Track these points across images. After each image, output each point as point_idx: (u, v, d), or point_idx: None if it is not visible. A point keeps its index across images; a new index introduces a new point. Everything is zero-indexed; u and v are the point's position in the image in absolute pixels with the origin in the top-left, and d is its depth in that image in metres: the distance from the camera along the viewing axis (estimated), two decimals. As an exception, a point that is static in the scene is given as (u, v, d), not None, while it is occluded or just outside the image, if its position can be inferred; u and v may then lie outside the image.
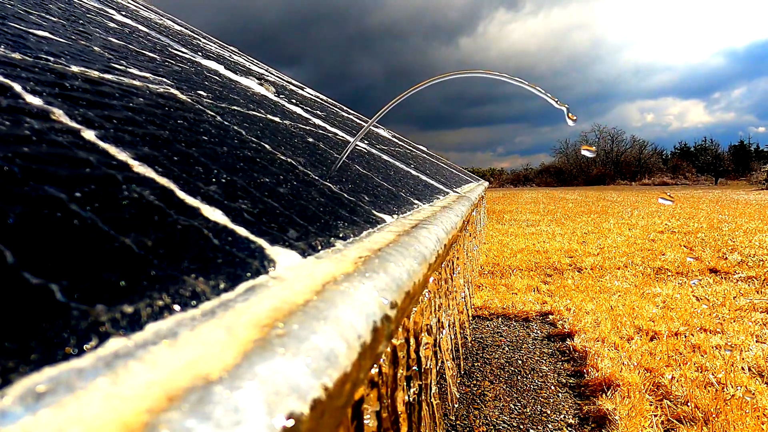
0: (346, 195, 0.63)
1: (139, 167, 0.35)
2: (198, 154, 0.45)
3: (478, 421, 2.83)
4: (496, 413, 2.93)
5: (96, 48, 0.71)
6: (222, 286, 0.26)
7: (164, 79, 0.73)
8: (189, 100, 0.67)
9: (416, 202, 0.92)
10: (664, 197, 0.88)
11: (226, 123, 0.65)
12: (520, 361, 3.60)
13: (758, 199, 19.16)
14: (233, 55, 3.62)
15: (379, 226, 0.56)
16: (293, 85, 4.08)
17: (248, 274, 0.29)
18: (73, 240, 0.23)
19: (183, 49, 1.71)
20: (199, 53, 1.88)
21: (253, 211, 0.38)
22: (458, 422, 2.81)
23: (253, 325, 0.22)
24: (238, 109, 0.84)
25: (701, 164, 56.84)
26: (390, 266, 0.37)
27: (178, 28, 3.41)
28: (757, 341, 3.61)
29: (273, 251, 0.34)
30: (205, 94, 0.80)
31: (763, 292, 4.80)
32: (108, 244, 0.24)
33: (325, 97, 5.95)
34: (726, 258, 6.51)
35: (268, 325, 0.22)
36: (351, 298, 0.27)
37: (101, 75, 0.54)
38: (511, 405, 3.02)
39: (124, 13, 1.98)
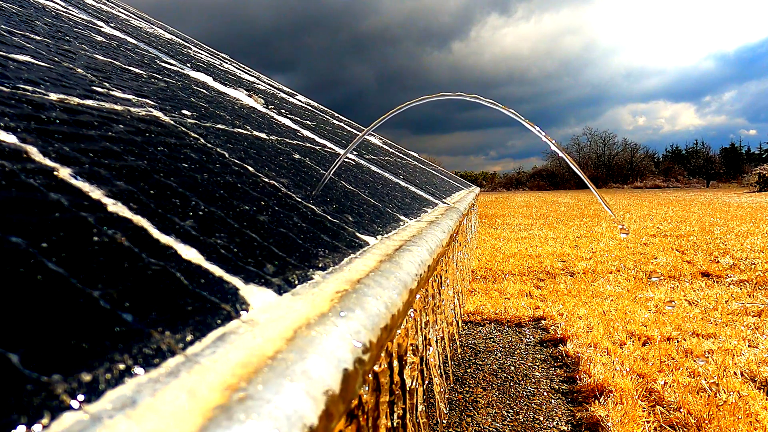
0: (329, 217, 0.63)
1: (113, 206, 0.35)
2: (176, 184, 0.45)
3: (471, 428, 2.83)
4: (489, 420, 2.93)
5: (79, 69, 0.71)
6: (189, 338, 0.25)
7: (147, 100, 0.73)
8: (171, 122, 0.66)
9: (403, 218, 0.91)
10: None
11: (209, 145, 0.65)
12: (512, 367, 3.61)
13: (749, 202, 19.30)
14: (224, 64, 3.61)
15: (361, 251, 0.56)
16: (284, 92, 4.08)
17: (218, 321, 0.28)
18: (36, 298, 0.22)
19: (171, 61, 1.70)
20: (188, 64, 1.88)
21: (230, 246, 0.38)
22: (451, 430, 2.81)
23: (218, 385, 0.22)
24: (223, 127, 0.84)
25: (693, 167, 57.20)
26: (367, 301, 0.37)
27: (169, 36, 3.40)
28: (749, 346, 3.63)
29: (247, 291, 0.33)
30: (189, 113, 0.80)
31: (755, 295, 4.83)
32: (73, 299, 0.24)
33: (316, 104, 5.94)
34: (718, 261, 6.55)
35: (231, 387, 0.22)
36: (322, 346, 0.27)
37: (81, 102, 0.53)
38: (504, 412, 3.02)
39: (112, 24, 1.98)
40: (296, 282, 0.38)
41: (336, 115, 6.49)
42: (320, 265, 0.45)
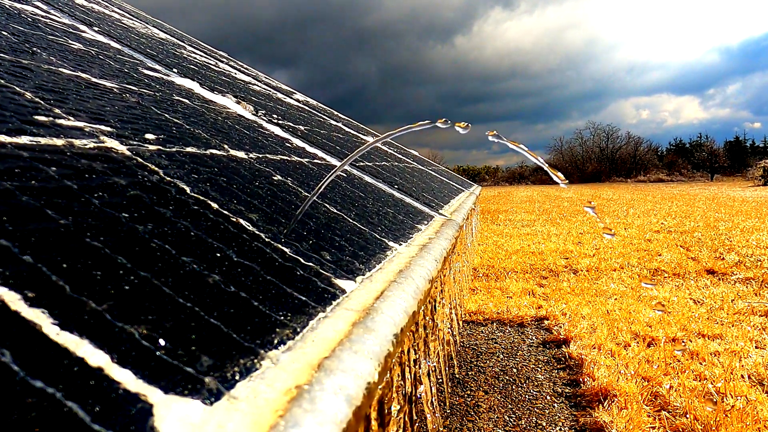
0: (302, 260, 0.56)
1: (8, 300, 0.28)
2: (106, 246, 0.37)
3: (472, 435, 2.79)
4: (491, 425, 2.88)
5: (27, 93, 0.64)
6: None
7: (103, 126, 0.66)
8: (126, 154, 0.59)
9: (391, 244, 0.84)
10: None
11: (167, 180, 0.58)
12: (515, 370, 3.56)
13: (755, 196, 19.20)
14: (219, 63, 3.54)
15: (334, 304, 0.49)
16: (281, 92, 4.00)
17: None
18: None
19: (156, 67, 1.63)
20: (175, 69, 1.80)
21: (155, 334, 0.31)
22: (452, 437, 2.77)
23: None
24: (193, 150, 0.76)
25: (697, 160, 56.98)
26: (325, 401, 0.30)
27: (163, 36, 3.33)
28: (756, 347, 3.56)
29: (164, 408, 0.26)
30: (153, 137, 0.72)
31: (762, 294, 4.75)
32: None
33: (314, 103, 5.86)
34: (723, 258, 6.47)
35: None
36: None
37: (9, 140, 0.46)
38: (506, 417, 2.97)
39: (98, 27, 1.90)
40: (237, 378, 0.31)
41: (334, 113, 6.40)
42: (276, 341, 0.37)
